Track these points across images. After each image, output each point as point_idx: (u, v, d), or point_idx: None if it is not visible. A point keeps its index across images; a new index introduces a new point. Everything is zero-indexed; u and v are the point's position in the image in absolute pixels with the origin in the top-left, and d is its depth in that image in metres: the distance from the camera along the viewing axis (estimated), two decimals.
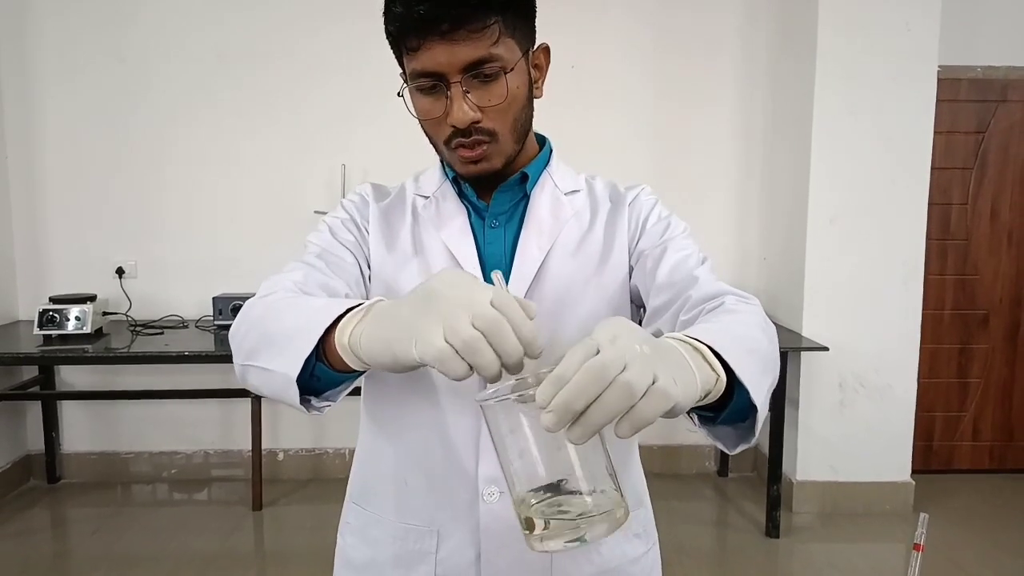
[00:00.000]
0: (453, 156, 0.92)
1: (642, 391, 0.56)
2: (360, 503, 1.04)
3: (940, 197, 3.68)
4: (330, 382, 0.77)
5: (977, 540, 3.19)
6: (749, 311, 0.82)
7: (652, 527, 1.09)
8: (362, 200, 1.05)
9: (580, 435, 0.56)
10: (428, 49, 0.83)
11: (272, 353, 0.76)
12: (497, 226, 0.99)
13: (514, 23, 0.87)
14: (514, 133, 0.92)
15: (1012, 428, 3.88)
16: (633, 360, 0.56)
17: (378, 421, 1.02)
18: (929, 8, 3.22)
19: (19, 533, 3.24)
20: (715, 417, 0.73)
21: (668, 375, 0.58)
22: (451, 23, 0.81)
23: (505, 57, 0.86)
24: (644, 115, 3.74)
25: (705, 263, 0.94)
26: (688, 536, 3.23)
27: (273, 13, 3.61)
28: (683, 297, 0.88)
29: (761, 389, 0.69)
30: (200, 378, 3.63)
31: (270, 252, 3.67)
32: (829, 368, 3.38)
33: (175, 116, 3.66)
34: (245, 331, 0.82)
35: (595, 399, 0.55)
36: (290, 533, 3.28)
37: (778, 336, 2.86)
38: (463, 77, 0.85)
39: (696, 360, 0.65)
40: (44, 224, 3.69)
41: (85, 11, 3.58)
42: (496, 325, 0.61)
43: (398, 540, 0.99)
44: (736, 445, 0.74)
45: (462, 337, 0.60)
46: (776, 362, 0.77)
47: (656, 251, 0.96)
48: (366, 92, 3.60)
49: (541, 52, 0.96)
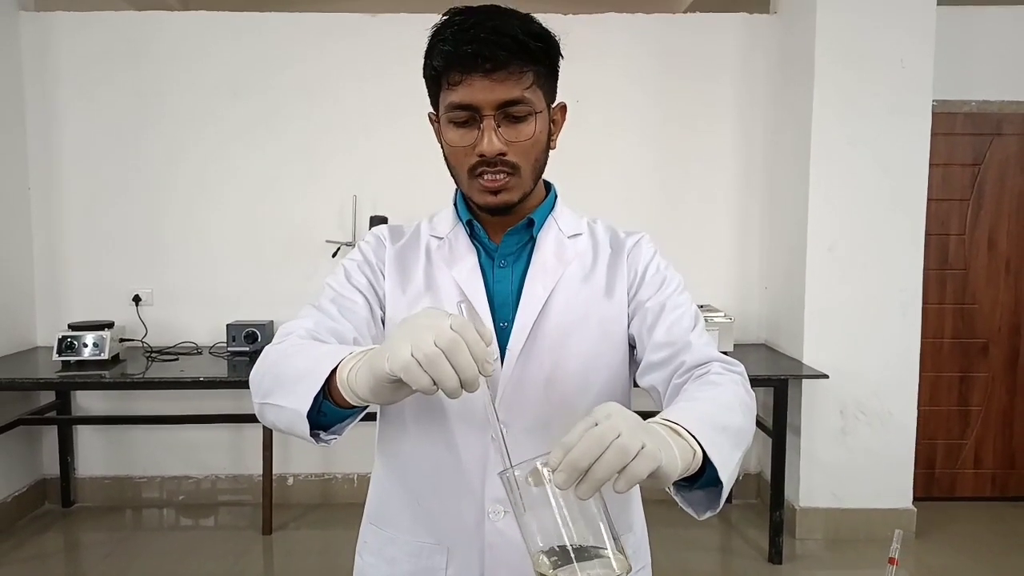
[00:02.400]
0: (474, 185, 1.01)
1: (634, 452, 0.69)
2: (377, 523, 1.13)
3: (938, 228, 3.75)
4: (335, 417, 0.89)
5: (979, 567, 3.22)
6: (730, 382, 0.96)
7: (645, 550, 1.17)
8: (378, 242, 1.13)
9: (586, 491, 0.69)
10: (469, 84, 0.94)
11: (285, 392, 0.88)
12: (505, 266, 1.07)
13: (544, 78, 0.99)
14: (533, 172, 1.02)
15: (1013, 456, 3.91)
16: (625, 430, 0.70)
17: (393, 447, 1.10)
18: (923, 45, 3.32)
19: (34, 557, 3.30)
20: (690, 486, 0.85)
21: (653, 443, 0.71)
22: (493, 64, 0.93)
23: (534, 102, 0.98)
24: (647, 142, 3.83)
25: (697, 325, 1.06)
26: (692, 562, 3.27)
27: (285, 46, 3.73)
28: (677, 361, 1.01)
29: (729, 466, 0.82)
30: (212, 404, 3.71)
31: (283, 281, 3.77)
32: (830, 395, 3.43)
33: (189, 148, 3.77)
34: (262, 374, 0.95)
35: (596, 459, 0.68)
36: (300, 557, 3.33)
37: (779, 363, 2.96)
38: (496, 113, 0.95)
39: (675, 440, 0.78)
40: (63, 253, 3.80)
41: (102, 48, 3.71)
42: (453, 344, 0.73)
43: (412, 557, 1.07)
44: (705, 511, 0.87)
45: (424, 352, 0.72)
46: (748, 432, 0.91)
47: (655, 306, 1.05)
48: (377, 124, 3.71)
49: (559, 110, 1.08)
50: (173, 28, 3.72)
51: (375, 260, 1.11)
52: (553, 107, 1.05)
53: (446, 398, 0.75)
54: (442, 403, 1.02)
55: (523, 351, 1.02)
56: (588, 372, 1.04)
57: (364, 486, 2.56)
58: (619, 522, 1.06)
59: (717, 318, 3.49)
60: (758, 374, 3.30)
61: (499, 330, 1.04)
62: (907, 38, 3.31)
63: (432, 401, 1.01)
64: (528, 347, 1.02)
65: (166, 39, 3.73)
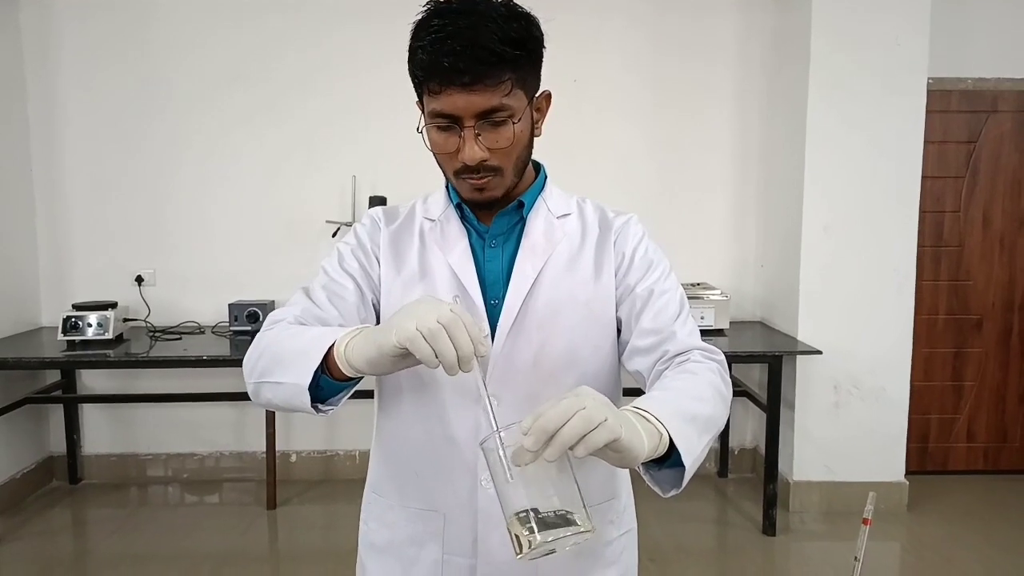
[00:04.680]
0: (461, 184, 1.05)
1: (597, 423, 0.76)
2: (378, 492, 1.19)
3: (933, 205, 3.79)
4: (331, 390, 0.97)
5: (971, 538, 3.28)
6: (707, 370, 1.01)
7: (629, 515, 1.22)
8: (373, 225, 1.17)
9: (553, 453, 0.75)
10: (448, 95, 0.96)
11: (284, 369, 0.96)
12: (496, 246, 1.12)
13: (524, 76, 1.00)
14: (515, 169, 1.06)
15: (1005, 430, 3.97)
16: (591, 405, 0.77)
17: (391, 422, 1.15)
18: (918, 24, 3.33)
19: (42, 532, 3.37)
20: (658, 466, 0.92)
21: (615, 420, 0.78)
22: (471, 77, 0.94)
23: (514, 107, 0.99)
24: (643, 124, 3.86)
25: (682, 311, 1.10)
26: (688, 534, 3.33)
27: (286, 32, 3.75)
28: (662, 350, 1.06)
29: (694, 452, 0.88)
30: (215, 382, 3.76)
31: (283, 261, 3.81)
32: (824, 371, 3.48)
33: (191, 131, 3.80)
34: (257, 356, 1.02)
35: (563, 424, 0.75)
36: (303, 532, 3.40)
37: (775, 340, 3.00)
38: (476, 122, 0.98)
39: (643, 424, 0.85)
40: (67, 235, 3.84)
41: (106, 33, 3.73)
42: (454, 322, 0.83)
43: (411, 523, 1.13)
44: (670, 490, 0.93)
45: (428, 327, 0.82)
46: (719, 419, 0.97)
47: (643, 292, 1.09)
48: (376, 106, 3.73)
49: (544, 99, 1.09)
50: (175, 14, 3.73)
51: (369, 244, 1.15)
52: (537, 97, 1.07)
53: (440, 375, 0.82)
54: (436, 381, 1.07)
55: (512, 328, 1.06)
56: (575, 349, 1.08)
57: (365, 462, 2.62)
58: (605, 490, 1.15)
59: (713, 296, 3.53)
60: (753, 350, 3.35)
61: (489, 308, 1.08)
62: (902, 17, 3.33)
63: (426, 380, 1.07)
64: (518, 324, 1.06)
65: (168, 26, 3.74)
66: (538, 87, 1.06)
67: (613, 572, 1.16)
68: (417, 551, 1.12)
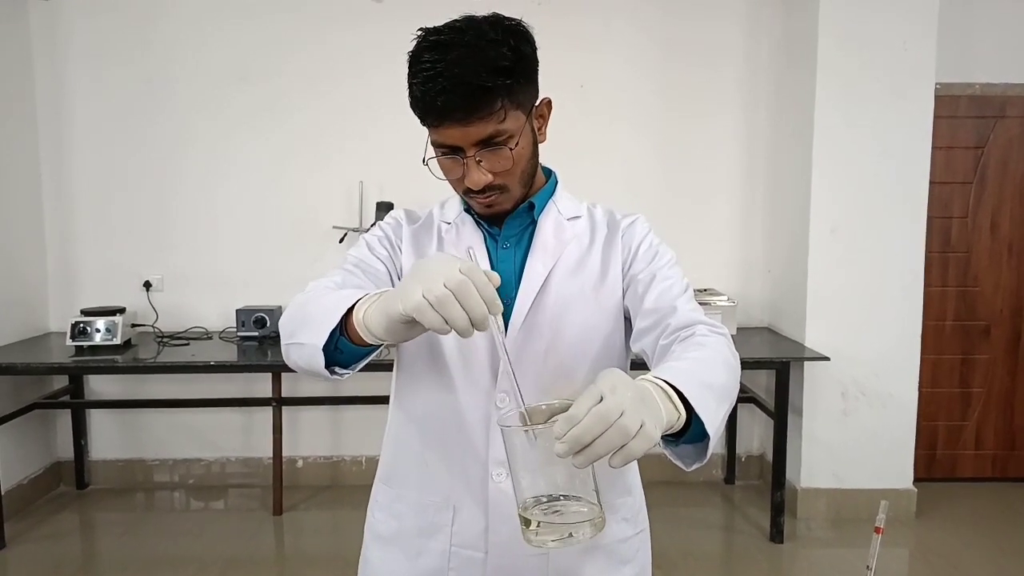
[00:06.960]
0: (472, 202, 1.10)
1: (634, 433, 0.73)
2: (387, 483, 1.20)
3: (941, 211, 3.77)
4: (351, 356, 0.96)
5: (980, 545, 3.26)
6: (715, 343, 0.99)
7: (643, 515, 1.23)
8: (396, 223, 1.21)
9: (583, 462, 0.74)
10: (446, 129, 0.99)
11: (306, 330, 0.95)
12: (508, 248, 1.14)
13: (518, 95, 1.01)
14: (522, 182, 1.09)
15: (1014, 437, 3.95)
16: (628, 408, 0.74)
17: (405, 411, 1.17)
18: (926, 28, 3.33)
19: (50, 536, 3.37)
20: (677, 441, 0.90)
21: (651, 420, 0.76)
22: (464, 112, 0.96)
23: (511, 128, 1.01)
24: (650, 128, 3.86)
25: (686, 292, 1.10)
26: (694, 541, 3.32)
27: (292, 31, 3.76)
28: (664, 324, 1.05)
29: (715, 421, 0.86)
30: (222, 388, 3.77)
31: (291, 266, 3.82)
32: (831, 377, 3.47)
33: (197, 134, 3.81)
34: (289, 318, 1.03)
35: (599, 436, 0.72)
36: (309, 537, 3.40)
37: (781, 345, 3.00)
38: (476, 150, 1.00)
39: (664, 401, 0.82)
40: (75, 240, 3.85)
41: (111, 33, 3.75)
42: (463, 286, 0.79)
43: (420, 514, 1.14)
44: (692, 463, 0.92)
45: (435, 294, 0.79)
46: (733, 389, 0.95)
47: (646, 277, 1.11)
48: (384, 110, 3.72)
49: (544, 106, 1.10)
50: (181, 13, 3.75)
51: (394, 237, 1.19)
52: (537, 106, 1.08)
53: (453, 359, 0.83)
54: (449, 369, 1.09)
55: (524, 324, 1.08)
56: (585, 342, 1.10)
57: (372, 468, 2.62)
58: (617, 486, 1.16)
59: (720, 302, 3.52)
60: (760, 357, 3.34)
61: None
62: (910, 21, 3.33)
63: (440, 366, 1.09)
64: (529, 320, 1.08)
65: (175, 28, 3.76)
66: (536, 96, 1.07)
67: (629, 570, 1.17)
68: (424, 542, 1.13)
